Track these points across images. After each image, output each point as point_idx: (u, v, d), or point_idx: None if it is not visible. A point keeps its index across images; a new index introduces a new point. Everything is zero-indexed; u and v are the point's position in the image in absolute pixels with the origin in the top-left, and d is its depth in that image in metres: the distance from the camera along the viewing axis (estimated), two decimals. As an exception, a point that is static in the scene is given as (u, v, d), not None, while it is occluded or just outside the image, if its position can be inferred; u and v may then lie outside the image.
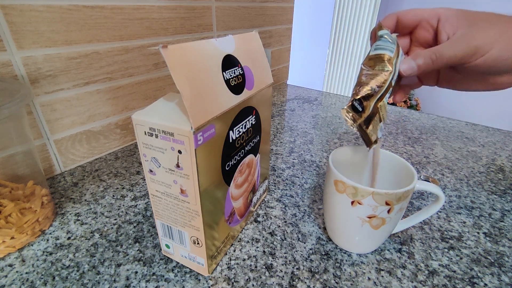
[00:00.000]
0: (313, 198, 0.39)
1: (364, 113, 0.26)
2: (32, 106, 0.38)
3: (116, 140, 0.50)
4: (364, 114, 0.26)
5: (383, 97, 0.26)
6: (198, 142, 0.21)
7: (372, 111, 0.26)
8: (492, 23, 0.26)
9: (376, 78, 0.26)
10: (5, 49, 0.34)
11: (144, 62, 0.49)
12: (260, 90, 0.29)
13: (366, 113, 0.25)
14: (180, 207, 0.24)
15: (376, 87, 0.25)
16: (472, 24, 0.27)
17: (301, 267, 0.29)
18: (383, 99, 0.26)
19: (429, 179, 0.44)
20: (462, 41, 0.26)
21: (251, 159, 0.31)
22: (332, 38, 1.73)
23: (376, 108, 0.26)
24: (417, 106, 2.42)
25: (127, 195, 0.39)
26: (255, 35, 0.30)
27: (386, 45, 0.27)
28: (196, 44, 0.21)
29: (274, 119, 0.66)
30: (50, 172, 0.42)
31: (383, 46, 0.27)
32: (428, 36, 0.31)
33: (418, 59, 0.27)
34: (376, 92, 0.25)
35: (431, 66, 0.27)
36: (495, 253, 0.31)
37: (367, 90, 0.25)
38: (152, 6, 0.47)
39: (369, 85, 0.25)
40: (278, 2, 0.79)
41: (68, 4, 0.38)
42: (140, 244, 0.31)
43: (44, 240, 0.32)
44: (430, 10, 0.30)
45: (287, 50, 0.93)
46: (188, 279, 0.27)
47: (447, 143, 0.57)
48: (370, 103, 0.25)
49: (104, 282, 0.27)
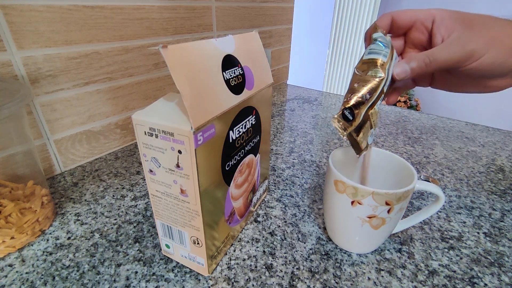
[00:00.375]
0: (313, 198, 0.39)
1: (354, 121, 0.25)
2: (32, 106, 0.38)
3: (116, 140, 0.50)
4: (355, 122, 0.25)
5: (374, 104, 0.25)
6: (198, 142, 0.21)
7: (362, 119, 0.25)
8: (487, 26, 0.26)
9: (368, 85, 0.25)
10: (5, 49, 0.34)
11: (144, 62, 0.49)
12: (260, 90, 0.29)
13: (357, 121, 0.25)
14: (180, 207, 0.24)
15: (368, 95, 0.25)
16: (467, 27, 0.26)
17: (301, 267, 0.29)
18: (374, 106, 0.26)
19: (429, 179, 0.44)
20: (456, 45, 0.26)
21: (251, 159, 0.31)
22: (332, 38, 1.73)
23: (367, 115, 0.26)
24: (417, 106, 2.42)
25: (127, 195, 0.39)
26: (255, 35, 0.30)
27: (380, 49, 0.27)
28: (196, 44, 0.21)
29: (274, 119, 0.66)
30: (50, 172, 0.42)
31: (376, 50, 0.27)
32: (422, 37, 0.30)
33: (412, 63, 0.27)
34: (367, 99, 0.25)
35: (424, 69, 0.27)
36: (495, 253, 0.31)
37: (358, 98, 0.25)
38: (152, 6, 0.47)
39: (360, 93, 0.25)
40: (278, 2, 0.79)
41: (68, 4, 0.38)
42: (140, 244, 0.31)
43: (44, 240, 0.32)
44: (425, 11, 0.29)
45: (287, 50, 0.93)
46: (188, 279, 0.27)
47: (447, 143, 0.57)
48: (361, 111, 0.25)
49: (104, 282, 0.27)
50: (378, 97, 0.25)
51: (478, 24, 0.26)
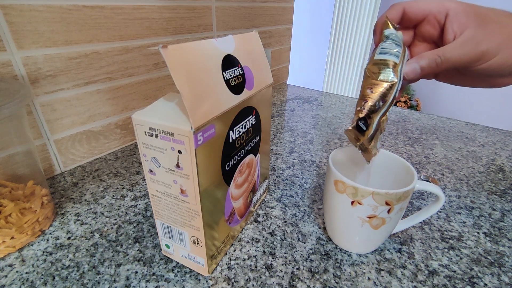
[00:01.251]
0: (313, 198, 0.39)
1: (368, 130, 0.25)
2: (32, 106, 0.38)
3: (116, 140, 0.50)
4: (368, 131, 0.25)
5: (387, 111, 0.25)
6: (198, 142, 0.21)
7: (375, 128, 0.25)
8: (501, 25, 0.25)
9: (381, 91, 0.24)
10: (5, 49, 0.34)
11: (144, 62, 0.49)
12: (260, 90, 0.29)
13: (370, 130, 0.25)
14: (180, 207, 0.24)
15: (381, 102, 0.24)
16: (481, 24, 0.25)
17: (301, 267, 0.29)
18: (386, 113, 0.25)
19: (429, 179, 0.44)
20: (469, 45, 0.25)
21: (251, 159, 0.31)
22: (332, 38, 1.73)
23: (379, 124, 0.25)
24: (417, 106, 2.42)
25: (127, 195, 0.39)
26: (255, 35, 0.30)
27: (392, 48, 0.26)
28: (196, 44, 0.21)
29: (274, 119, 0.66)
30: (50, 172, 0.42)
31: (388, 50, 0.26)
32: (433, 31, 0.29)
33: (422, 61, 0.26)
34: (380, 107, 0.24)
35: (435, 69, 0.26)
36: (495, 253, 0.31)
37: (372, 106, 0.24)
38: (152, 6, 0.47)
39: (373, 100, 0.24)
40: (278, 2, 0.79)
41: (68, 4, 0.38)
42: (140, 244, 0.31)
43: (44, 240, 0.31)
44: (438, 3, 0.28)
45: (287, 50, 0.93)
46: (188, 279, 0.27)
47: (447, 143, 0.57)
48: (374, 119, 0.24)
49: (104, 282, 0.27)
50: (390, 103, 0.25)
51: (492, 21, 0.25)
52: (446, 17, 0.27)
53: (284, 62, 0.93)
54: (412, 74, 0.27)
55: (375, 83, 0.25)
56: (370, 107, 0.24)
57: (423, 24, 0.29)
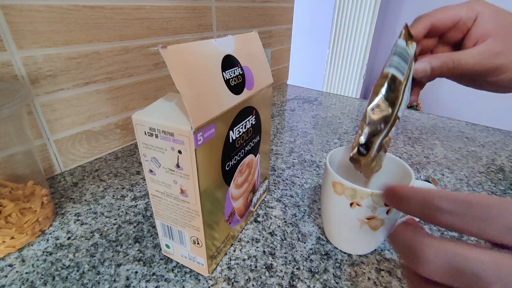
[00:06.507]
0: (313, 198, 0.39)
1: (369, 152, 0.24)
2: (32, 106, 0.38)
3: (116, 140, 0.50)
4: (369, 153, 0.24)
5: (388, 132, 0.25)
6: (198, 142, 0.21)
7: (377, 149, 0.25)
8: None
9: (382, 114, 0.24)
10: (5, 49, 0.34)
11: (144, 62, 0.49)
12: (260, 90, 0.29)
13: (371, 152, 0.24)
14: (180, 207, 0.24)
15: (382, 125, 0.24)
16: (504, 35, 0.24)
17: (301, 267, 0.29)
18: (388, 134, 0.25)
19: (429, 179, 0.44)
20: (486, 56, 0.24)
21: (251, 159, 0.31)
22: (332, 38, 1.73)
23: (381, 145, 0.25)
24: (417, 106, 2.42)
25: (127, 195, 0.39)
26: (255, 35, 0.30)
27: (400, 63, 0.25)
28: (195, 45, 0.21)
29: (274, 119, 0.66)
30: (50, 172, 0.42)
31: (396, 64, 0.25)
32: (458, 36, 0.28)
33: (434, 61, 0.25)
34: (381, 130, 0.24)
35: (445, 73, 0.26)
36: (495, 253, 0.31)
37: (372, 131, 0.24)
38: (152, 6, 0.47)
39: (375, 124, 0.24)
40: (278, 2, 0.79)
41: (68, 4, 0.38)
42: (140, 244, 0.31)
43: (44, 240, 0.32)
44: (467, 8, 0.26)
45: (287, 50, 0.93)
46: (188, 279, 0.27)
47: (447, 143, 0.57)
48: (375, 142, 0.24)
49: (104, 282, 0.27)
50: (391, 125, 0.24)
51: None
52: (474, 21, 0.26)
53: (284, 62, 0.93)
54: (421, 73, 0.26)
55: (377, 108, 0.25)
56: (370, 132, 0.24)
57: (451, 31, 0.28)
